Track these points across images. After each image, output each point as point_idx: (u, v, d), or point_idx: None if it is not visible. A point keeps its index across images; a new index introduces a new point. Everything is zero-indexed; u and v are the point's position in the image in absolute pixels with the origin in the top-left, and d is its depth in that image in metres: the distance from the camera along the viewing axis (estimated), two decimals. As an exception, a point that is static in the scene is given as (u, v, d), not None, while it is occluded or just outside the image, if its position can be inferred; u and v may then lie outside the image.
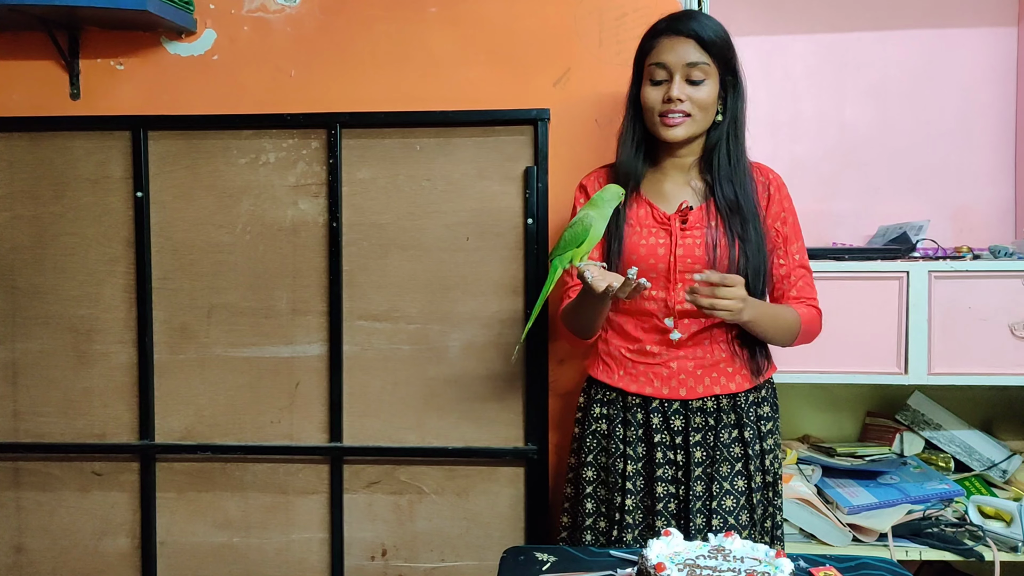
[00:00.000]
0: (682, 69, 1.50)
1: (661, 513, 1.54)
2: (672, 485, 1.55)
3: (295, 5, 1.98)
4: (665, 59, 1.51)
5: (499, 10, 1.94)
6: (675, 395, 1.56)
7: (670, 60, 1.50)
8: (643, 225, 1.56)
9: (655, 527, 1.54)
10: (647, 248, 1.55)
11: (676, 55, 1.50)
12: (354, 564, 2.01)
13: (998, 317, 1.85)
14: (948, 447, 2.08)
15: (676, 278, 1.53)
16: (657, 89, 1.52)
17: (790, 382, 1.89)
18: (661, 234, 1.55)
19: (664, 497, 1.55)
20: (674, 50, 1.50)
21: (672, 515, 1.55)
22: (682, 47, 1.50)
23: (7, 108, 2.01)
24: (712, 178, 1.56)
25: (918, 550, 1.81)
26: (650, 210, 1.57)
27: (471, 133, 1.94)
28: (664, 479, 1.55)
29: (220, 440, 2.02)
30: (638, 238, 1.56)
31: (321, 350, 1.99)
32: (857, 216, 2.22)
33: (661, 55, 1.51)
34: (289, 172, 1.98)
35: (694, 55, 1.50)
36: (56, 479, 2.06)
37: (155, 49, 2.00)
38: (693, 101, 1.51)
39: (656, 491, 1.55)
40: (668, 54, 1.51)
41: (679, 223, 1.54)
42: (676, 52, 1.50)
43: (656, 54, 1.52)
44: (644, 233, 1.56)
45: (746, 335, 1.57)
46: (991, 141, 2.21)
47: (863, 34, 2.22)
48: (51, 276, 2.03)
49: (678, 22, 1.52)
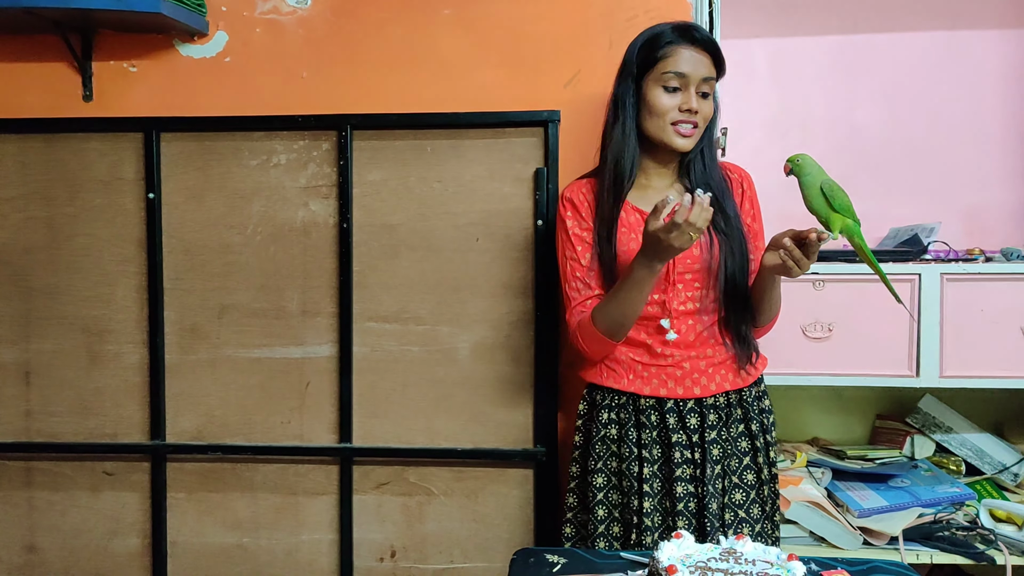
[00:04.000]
0: (698, 83, 1.53)
1: (682, 513, 1.55)
2: (691, 484, 1.57)
3: (307, 7, 1.99)
4: (685, 70, 1.52)
5: (510, 12, 1.95)
6: (690, 394, 1.57)
7: (689, 71, 1.52)
8: (636, 232, 1.58)
9: (676, 528, 1.55)
10: None
11: (695, 67, 1.52)
12: (363, 565, 2.02)
13: (1010, 320, 1.84)
14: (959, 450, 2.07)
15: (675, 279, 1.56)
16: (671, 97, 1.53)
17: (800, 384, 1.89)
18: None
19: (684, 497, 1.56)
20: (692, 62, 1.52)
21: (692, 514, 1.56)
22: (700, 60, 1.53)
23: (21, 110, 2.03)
24: (691, 183, 1.59)
25: (929, 554, 1.80)
26: (639, 216, 1.59)
27: (482, 135, 1.95)
28: (683, 479, 1.56)
29: (230, 440, 2.02)
30: (635, 245, 1.56)
31: (331, 351, 1.99)
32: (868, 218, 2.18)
33: (680, 65, 1.52)
34: (300, 173, 1.99)
35: (709, 69, 1.54)
36: (68, 479, 2.07)
37: (168, 51, 2.01)
38: (702, 114, 1.54)
39: (676, 491, 1.55)
40: (687, 65, 1.52)
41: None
42: (695, 64, 1.52)
43: (674, 63, 1.52)
44: (639, 239, 1.56)
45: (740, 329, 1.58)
46: (1003, 143, 2.20)
47: (874, 36, 2.22)
48: (64, 277, 2.04)
49: (696, 33, 1.54)
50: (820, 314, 1.86)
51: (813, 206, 1.49)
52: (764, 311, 1.59)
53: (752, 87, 2.24)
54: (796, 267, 1.44)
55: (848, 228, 1.49)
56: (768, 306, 1.59)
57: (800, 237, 1.43)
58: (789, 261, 1.43)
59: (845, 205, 1.48)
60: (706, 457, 1.56)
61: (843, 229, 1.49)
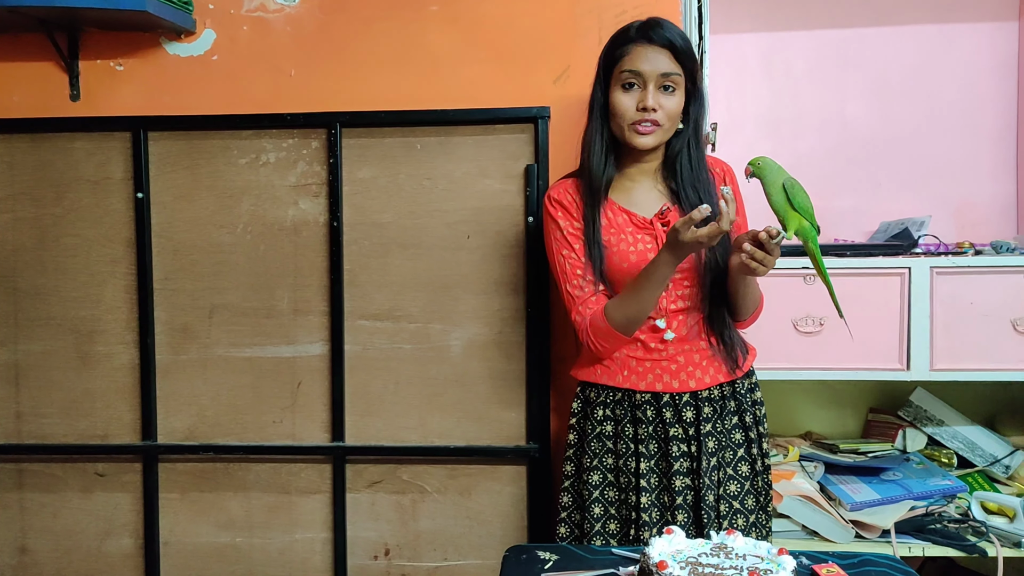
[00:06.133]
0: (656, 79, 1.51)
1: (681, 507, 1.56)
2: (688, 477, 1.57)
3: (294, 5, 1.98)
4: (640, 67, 1.51)
5: (499, 8, 1.94)
6: (685, 388, 1.58)
7: (644, 69, 1.51)
8: (625, 232, 1.58)
9: (675, 521, 1.55)
10: (638, 254, 1.56)
11: (651, 64, 1.51)
12: (357, 564, 2.02)
13: (1000, 313, 1.84)
14: (951, 443, 2.07)
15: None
16: (629, 96, 1.53)
17: (792, 379, 1.89)
18: (647, 239, 1.57)
19: (683, 490, 1.57)
20: (648, 59, 1.51)
21: (690, 507, 1.57)
22: (656, 56, 1.51)
23: (7, 110, 2.01)
24: (677, 184, 1.58)
25: (921, 546, 1.81)
26: (627, 217, 1.59)
27: (471, 132, 1.94)
28: (681, 472, 1.57)
29: (222, 440, 2.02)
30: (626, 245, 1.56)
31: (323, 350, 1.99)
32: (859, 212, 2.22)
33: (636, 63, 1.51)
34: (290, 172, 1.98)
35: (668, 65, 1.51)
36: (59, 480, 2.07)
37: (155, 50, 2.00)
38: (664, 110, 1.52)
39: (674, 485, 1.56)
40: (643, 63, 1.51)
41: (661, 226, 1.57)
42: (651, 61, 1.51)
43: (630, 61, 1.52)
44: (630, 240, 1.57)
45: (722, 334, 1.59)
46: (993, 136, 2.20)
47: (864, 30, 2.22)
48: (52, 277, 2.03)
49: (652, 31, 1.52)
50: (811, 308, 1.87)
51: (774, 204, 1.45)
52: (742, 307, 1.60)
53: (743, 82, 2.24)
54: (760, 266, 1.43)
55: (804, 230, 1.44)
56: (745, 302, 1.59)
57: (756, 239, 1.42)
58: (752, 263, 1.43)
59: (805, 206, 1.43)
60: (702, 450, 1.56)
61: (798, 231, 1.44)
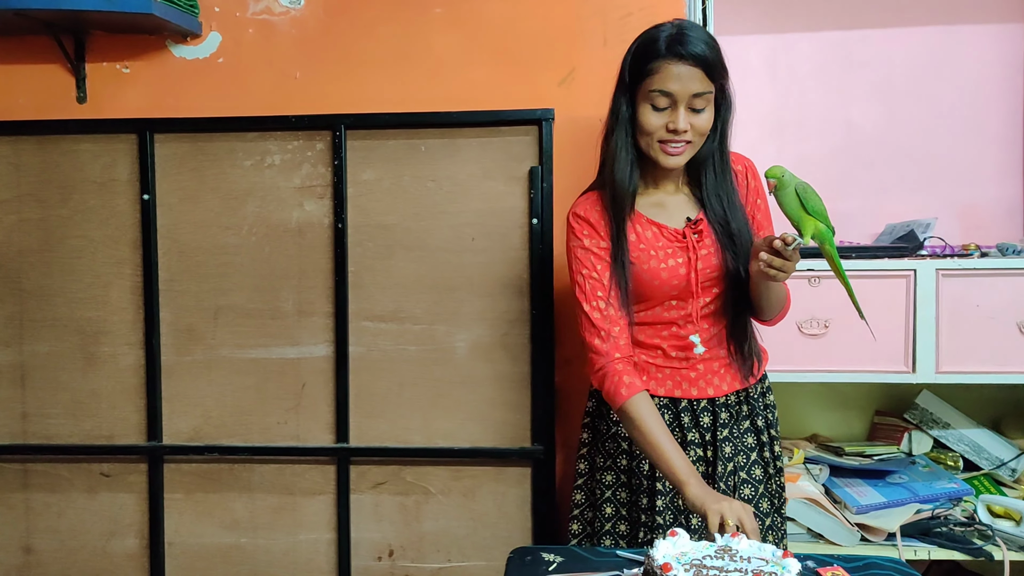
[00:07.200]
0: (688, 99, 1.44)
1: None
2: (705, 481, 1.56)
3: (299, 7, 1.98)
4: (670, 88, 1.43)
5: (503, 10, 1.94)
6: (703, 394, 1.56)
7: (675, 89, 1.42)
8: (656, 248, 1.53)
9: (689, 524, 1.54)
10: (668, 270, 1.51)
11: (683, 85, 1.42)
12: (361, 565, 2.02)
13: (1006, 315, 1.83)
14: (957, 446, 2.06)
15: (698, 292, 1.52)
16: (658, 116, 1.46)
17: (798, 381, 1.89)
18: (678, 252, 1.52)
19: None
20: (680, 79, 1.43)
21: None
22: (688, 76, 1.42)
23: (14, 112, 2.03)
24: (702, 191, 1.54)
25: (927, 550, 1.80)
26: (658, 230, 1.54)
27: (476, 134, 1.94)
28: None
29: (227, 441, 2.02)
30: (656, 262, 1.52)
31: (327, 351, 1.99)
32: (864, 214, 2.21)
33: (666, 83, 1.43)
34: (294, 174, 1.99)
35: (700, 85, 1.43)
36: (64, 480, 2.07)
37: (160, 52, 2.01)
38: (694, 129, 1.46)
39: None
40: (674, 83, 1.42)
41: (694, 236, 1.53)
42: (682, 82, 1.42)
43: (660, 80, 1.44)
44: (661, 256, 1.52)
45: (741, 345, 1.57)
46: (999, 138, 2.19)
47: (869, 32, 2.21)
48: (58, 279, 2.04)
49: (683, 46, 1.43)
50: (816, 311, 1.86)
51: (787, 209, 1.43)
52: (767, 308, 1.56)
53: (747, 84, 2.23)
54: (780, 273, 1.40)
55: (820, 233, 1.41)
56: (770, 304, 1.55)
57: (772, 246, 1.39)
58: (770, 270, 1.39)
59: (818, 209, 1.40)
60: (718, 455, 1.55)
61: (815, 234, 1.41)
